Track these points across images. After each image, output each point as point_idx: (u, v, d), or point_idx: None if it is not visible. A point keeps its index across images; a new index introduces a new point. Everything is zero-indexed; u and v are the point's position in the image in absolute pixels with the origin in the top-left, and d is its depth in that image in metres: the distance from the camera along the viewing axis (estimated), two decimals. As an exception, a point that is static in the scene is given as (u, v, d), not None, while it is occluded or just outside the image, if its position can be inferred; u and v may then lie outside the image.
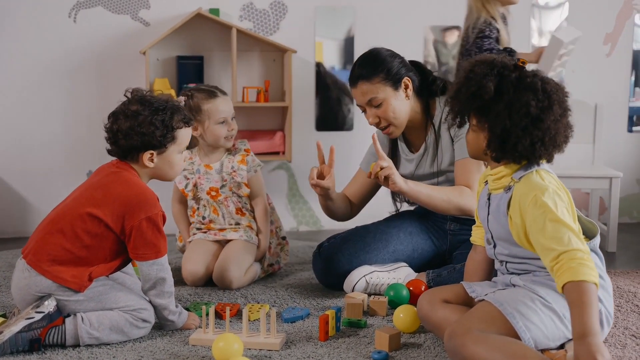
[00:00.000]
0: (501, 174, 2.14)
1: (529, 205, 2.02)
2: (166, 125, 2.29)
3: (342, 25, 4.05)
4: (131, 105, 2.30)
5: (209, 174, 2.99)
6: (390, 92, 2.69)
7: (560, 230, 1.96)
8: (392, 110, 2.70)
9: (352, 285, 2.75)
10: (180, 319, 2.37)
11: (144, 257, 2.27)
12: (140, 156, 2.30)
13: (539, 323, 2.02)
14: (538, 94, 2.04)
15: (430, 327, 2.29)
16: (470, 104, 2.08)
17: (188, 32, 3.85)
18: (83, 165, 3.94)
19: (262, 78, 3.97)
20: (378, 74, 2.67)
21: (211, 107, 2.90)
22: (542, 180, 2.05)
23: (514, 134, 2.04)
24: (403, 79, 2.71)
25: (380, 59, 2.71)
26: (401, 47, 4.06)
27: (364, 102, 2.71)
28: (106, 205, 2.23)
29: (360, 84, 2.69)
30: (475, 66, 2.09)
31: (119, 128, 2.28)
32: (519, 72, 2.08)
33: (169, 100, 2.34)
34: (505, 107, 2.04)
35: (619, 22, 4.26)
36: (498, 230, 2.17)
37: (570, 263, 1.90)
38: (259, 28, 3.95)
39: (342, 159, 4.03)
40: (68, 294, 2.22)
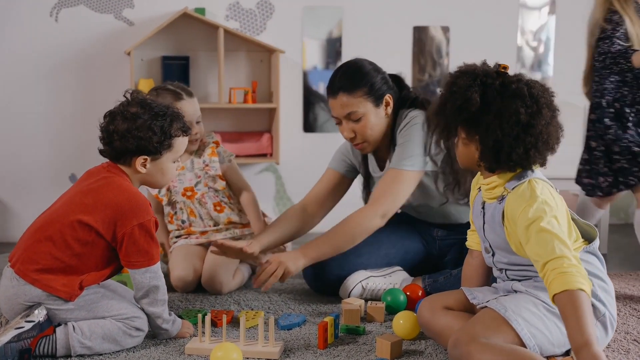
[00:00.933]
0: (494, 183, 2.10)
1: (519, 217, 1.99)
2: (164, 132, 2.22)
3: (329, 26, 3.99)
4: (131, 107, 2.22)
5: (181, 174, 2.91)
6: (371, 108, 2.60)
7: (543, 239, 1.92)
8: (370, 127, 2.61)
9: (348, 291, 2.70)
10: (174, 328, 2.30)
11: (137, 265, 2.19)
12: (133, 160, 2.23)
13: (544, 329, 1.98)
14: (526, 100, 1.99)
15: (431, 334, 2.24)
16: (457, 117, 2.03)
17: (173, 32, 3.78)
18: (65, 168, 3.86)
19: (248, 79, 3.90)
20: (361, 87, 2.57)
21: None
22: (532, 192, 2.01)
23: (506, 144, 2.00)
24: (385, 96, 2.62)
25: (363, 72, 2.60)
26: (389, 47, 4.06)
27: (341, 115, 2.61)
28: (97, 211, 2.16)
29: (340, 96, 2.58)
30: (458, 78, 2.04)
31: (116, 129, 2.20)
32: (502, 79, 2.03)
33: (169, 106, 2.27)
34: (495, 117, 1.99)
35: (606, 23, 4.24)
36: (495, 239, 2.13)
37: (554, 274, 1.86)
38: (246, 28, 3.89)
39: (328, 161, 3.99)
40: (58, 303, 2.14)
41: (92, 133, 3.81)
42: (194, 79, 3.82)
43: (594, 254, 2.14)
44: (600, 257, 2.16)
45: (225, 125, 3.90)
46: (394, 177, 2.58)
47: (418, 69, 4.10)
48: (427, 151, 2.59)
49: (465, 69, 2.08)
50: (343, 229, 2.57)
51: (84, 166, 3.82)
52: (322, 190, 2.84)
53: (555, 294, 1.83)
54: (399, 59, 4.08)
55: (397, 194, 2.58)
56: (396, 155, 2.61)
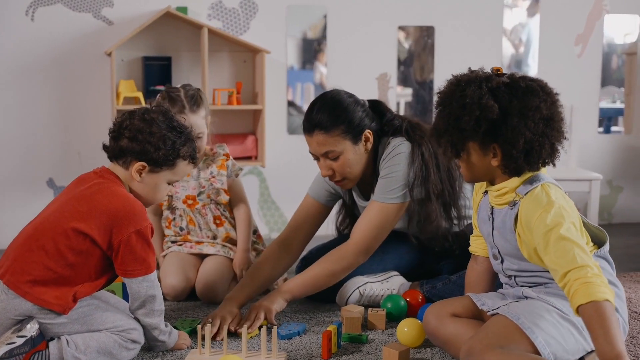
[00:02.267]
0: (504, 189, 2.03)
1: (535, 223, 1.92)
2: (174, 148, 2.14)
3: (313, 25, 3.92)
4: (152, 113, 2.15)
5: (185, 181, 2.83)
6: (349, 145, 2.46)
7: (564, 247, 1.86)
8: (348, 165, 2.47)
9: (345, 297, 2.63)
10: (171, 339, 2.21)
11: (134, 274, 2.10)
12: (132, 163, 2.14)
13: (558, 337, 1.93)
14: (540, 95, 1.95)
15: (438, 342, 2.18)
16: (476, 130, 1.95)
17: (154, 31, 3.68)
18: (43, 173, 3.73)
19: (231, 80, 3.81)
20: (338, 125, 2.42)
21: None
22: (548, 197, 1.95)
23: (536, 142, 1.94)
24: (364, 131, 2.48)
25: (342, 107, 2.45)
26: (374, 47, 4.00)
27: (318, 153, 2.47)
28: (92, 218, 2.06)
29: (316, 134, 2.44)
30: (465, 90, 1.96)
31: (129, 125, 2.12)
32: (506, 80, 1.98)
33: (189, 128, 2.21)
34: (519, 118, 1.93)
35: (589, 23, 4.25)
36: (505, 246, 2.07)
37: (577, 284, 1.80)
38: (229, 27, 3.80)
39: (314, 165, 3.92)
40: (51, 317, 2.04)
41: (71, 136, 3.73)
42: (176, 80, 3.72)
43: (604, 258, 2.10)
44: (610, 261, 2.12)
45: (208, 127, 3.81)
46: (378, 211, 2.49)
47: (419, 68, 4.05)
48: (409, 182, 2.49)
49: (466, 78, 2.00)
50: (325, 268, 2.48)
51: (62, 171, 3.73)
52: (302, 222, 2.69)
53: (581, 304, 1.77)
54: (383, 59, 4.02)
55: (381, 228, 2.49)
56: (379, 187, 2.51)
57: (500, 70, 2.01)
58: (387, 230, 2.52)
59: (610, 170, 4.34)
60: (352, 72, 3.97)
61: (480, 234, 2.25)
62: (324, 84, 3.98)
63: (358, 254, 2.49)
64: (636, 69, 4.33)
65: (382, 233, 2.51)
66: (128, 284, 2.12)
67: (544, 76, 4.07)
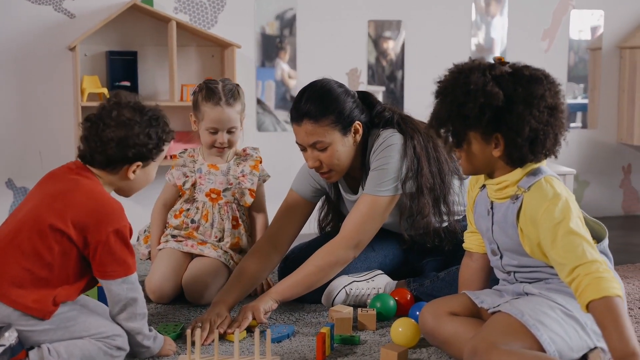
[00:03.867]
0: (504, 183, 1.98)
1: (542, 217, 1.88)
2: (159, 138, 2.07)
3: (284, 18, 3.83)
4: (125, 112, 2.03)
5: (212, 174, 2.75)
6: (338, 137, 2.39)
7: (573, 242, 1.82)
8: (337, 157, 2.41)
9: (332, 297, 2.56)
10: (157, 344, 2.11)
11: (113, 275, 1.99)
12: (125, 168, 2.05)
13: (563, 334, 1.89)
14: (544, 83, 1.91)
15: (436, 342, 2.12)
16: (480, 117, 1.90)
17: (119, 25, 3.53)
18: (1, 173, 3.56)
19: (199, 75, 3.70)
20: (328, 115, 2.36)
21: (207, 111, 2.68)
22: (553, 189, 1.91)
23: (541, 130, 1.90)
24: (354, 123, 2.42)
25: (332, 97, 2.39)
26: (344, 42, 3.93)
27: (306, 143, 2.40)
28: (67, 216, 1.95)
29: (305, 123, 2.37)
30: (469, 77, 1.91)
31: (111, 136, 2.01)
32: (508, 68, 1.94)
33: (158, 109, 2.12)
34: (525, 105, 1.89)
35: (555, 18, 4.26)
36: (506, 241, 2.02)
37: (588, 278, 1.76)
38: (196, 21, 3.68)
39: (285, 161, 3.84)
40: (31, 323, 1.91)
41: (32, 135, 3.56)
42: (143, 76, 3.59)
43: (604, 253, 2.06)
44: (610, 256, 2.08)
45: (175, 124, 3.67)
46: (369, 204, 2.42)
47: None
48: (401, 175, 2.42)
49: (469, 66, 1.95)
50: (316, 266, 2.40)
51: (22, 171, 3.56)
52: (288, 218, 2.61)
53: (592, 300, 1.73)
54: (353, 54, 3.95)
55: (372, 222, 2.43)
56: (370, 180, 2.44)
57: (502, 59, 1.96)
58: (379, 224, 2.45)
59: (577, 165, 4.35)
60: (322, 67, 3.89)
61: (475, 230, 2.19)
62: (286, 81, 3.89)
63: (347, 248, 2.41)
64: (601, 64, 4.35)
65: (373, 227, 2.44)
66: (107, 286, 2.01)
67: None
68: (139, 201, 3.64)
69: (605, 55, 4.34)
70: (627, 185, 4.49)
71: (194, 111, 2.74)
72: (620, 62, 4.36)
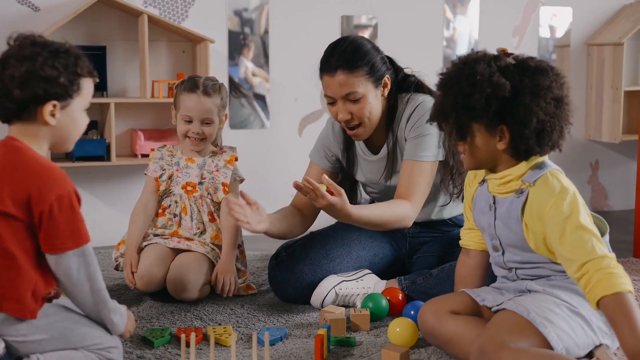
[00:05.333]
0: (508, 177, 1.95)
1: (549, 211, 1.85)
2: (70, 71, 1.82)
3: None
4: (24, 49, 1.80)
5: (189, 167, 2.68)
6: (371, 89, 2.42)
7: (582, 237, 1.80)
8: (369, 110, 2.42)
9: (321, 298, 2.49)
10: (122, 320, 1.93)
11: (62, 248, 1.77)
12: (39, 111, 1.79)
13: (569, 331, 1.86)
14: (550, 75, 1.89)
15: (437, 342, 2.07)
16: (486, 109, 1.86)
17: (87, 18, 3.40)
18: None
19: (170, 71, 3.58)
20: (362, 67, 2.39)
21: (183, 99, 2.64)
22: (560, 183, 1.89)
23: (547, 123, 1.87)
24: (384, 76, 2.46)
25: (364, 50, 2.42)
26: (317, 36, 3.86)
27: (339, 95, 2.40)
28: (3, 194, 1.74)
29: (339, 74, 2.38)
30: (475, 67, 1.88)
31: (12, 74, 1.77)
32: (513, 60, 1.92)
33: (68, 43, 1.88)
34: (532, 96, 1.86)
35: (525, 15, 4.25)
36: (509, 237, 1.98)
37: (598, 274, 1.74)
38: (166, 15, 3.56)
39: (257, 158, 3.76)
40: (23, 333, 1.78)
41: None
42: (112, 72, 3.47)
43: None
44: (611, 252, 2.06)
45: (146, 122, 3.57)
46: (420, 170, 2.45)
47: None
48: (441, 141, 2.47)
49: (474, 57, 1.91)
50: (388, 206, 2.41)
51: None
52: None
53: (604, 296, 1.70)
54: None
55: (425, 186, 2.47)
56: (414, 147, 2.46)
57: (506, 50, 1.93)
58: (428, 189, 2.48)
59: (546, 161, 4.36)
60: (295, 62, 3.82)
61: (473, 227, 2.15)
62: (250, 79, 3.79)
63: (415, 213, 2.44)
64: (569, 61, 4.36)
65: (426, 191, 2.48)
66: (56, 262, 1.78)
67: (484, 68, 4.06)
68: (114, 204, 3.53)
69: (573, 52, 4.35)
70: (595, 182, 4.52)
71: (174, 103, 2.71)
72: (588, 59, 4.38)
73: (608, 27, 4.36)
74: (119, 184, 3.53)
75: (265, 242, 3.56)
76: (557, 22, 4.32)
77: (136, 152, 3.44)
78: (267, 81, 3.79)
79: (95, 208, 3.51)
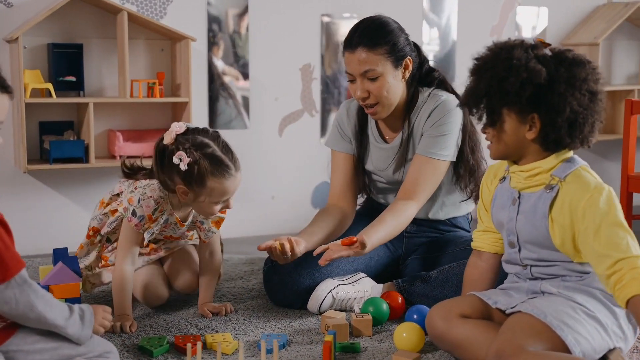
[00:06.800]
0: (537, 169, 1.93)
1: (585, 207, 1.83)
2: None
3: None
4: None
5: (177, 227, 2.39)
6: (390, 68, 2.40)
7: (618, 234, 1.79)
8: (386, 89, 2.40)
9: (319, 302, 2.43)
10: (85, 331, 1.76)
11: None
12: None
13: (587, 335, 1.84)
14: (587, 68, 1.88)
15: (447, 346, 2.03)
16: (520, 94, 1.84)
17: (62, 15, 3.28)
18: None
19: (148, 70, 3.48)
20: (383, 45, 2.37)
21: (217, 188, 2.18)
22: (595, 179, 1.88)
23: (580, 114, 1.85)
24: (406, 58, 2.43)
25: (388, 29, 2.41)
26: (297, 36, 3.80)
27: (357, 72, 2.39)
28: None
29: (359, 51, 2.37)
30: (512, 52, 1.87)
31: None
32: (551, 50, 1.91)
33: None
34: (567, 86, 1.84)
35: (502, 15, 4.25)
36: (530, 232, 1.95)
37: (632, 273, 1.74)
38: (144, 12, 3.46)
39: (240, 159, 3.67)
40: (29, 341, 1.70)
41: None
42: (88, 71, 3.34)
43: None
44: None
45: (123, 122, 3.46)
46: (434, 168, 2.45)
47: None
48: (458, 142, 2.48)
49: (511, 44, 1.90)
50: (394, 218, 2.39)
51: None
52: (344, 181, 2.62)
53: (635, 295, 1.70)
54: (306, 49, 3.82)
55: (433, 184, 2.46)
56: (431, 143, 2.45)
57: (543, 41, 1.92)
58: (435, 187, 2.49)
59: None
60: (275, 62, 3.75)
61: (487, 229, 2.12)
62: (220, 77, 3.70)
63: (416, 209, 2.45)
64: (544, 61, 4.37)
65: (433, 189, 2.49)
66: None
67: (463, 67, 4.05)
68: (92, 208, 3.40)
69: (548, 52, 4.37)
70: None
71: (192, 185, 2.19)
72: (563, 59, 4.40)
73: (583, 27, 4.38)
74: (98, 186, 3.41)
75: (250, 244, 3.51)
76: (533, 22, 4.33)
77: (115, 153, 3.33)
78: (237, 79, 3.70)
79: (73, 212, 3.39)
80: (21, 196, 3.31)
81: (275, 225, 3.79)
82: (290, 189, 3.85)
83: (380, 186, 2.66)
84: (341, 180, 2.61)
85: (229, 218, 2.47)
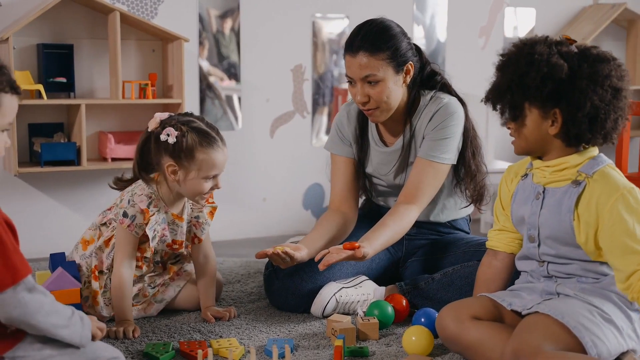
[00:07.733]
0: (564, 164, 1.93)
1: (614, 205, 1.85)
2: None
3: (227, 11, 3.62)
4: None
5: (177, 225, 2.36)
6: (391, 73, 2.37)
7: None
8: (386, 94, 2.38)
9: (323, 305, 2.41)
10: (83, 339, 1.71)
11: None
12: None
13: (603, 338, 1.85)
14: (611, 64, 1.88)
15: (458, 348, 2.02)
16: (541, 89, 1.85)
17: (52, 15, 3.22)
18: None
19: (139, 71, 3.43)
20: (384, 50, 2.34)
21: (206, 159, 2.21)
22: (623, 178, 1.89)
23: (602, 110, 1.86)
24: (407, 63, 2.41)
25: (390, 34, 2.37)
26: (289, 37, 3.77)
27: (358, 76, 2.36)
28: None
29: (360, 55, 2.34)
30: (534, 47, 1.89)
31: None
32: (576, 46, 1.91)
33: None
34: (589, 81, 1.85)
35: (491, 15, 4.26)
36: (553, 227, 1.95)
37: None
38: (135, 12, 3.41)
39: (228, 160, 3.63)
40: (36, 347, 1.65)
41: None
42: (79, 72, 3.29)
43: None
44: None
45: (114, 124, 3.41)
46: (435, 172, 2.44)
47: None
48: (459, 145, 2.47)
49: (534, 40, 1.91)
50: (396, 223, 2.38)
51: None
52: (345, 185, 2.60)
53: None
54: (298, 50, 3.79)
55: (435, 187, 2.45)
56: (433, 147, 2.43)
57: (569, 38, 1.93)
58: (436, 190, 2.49)
59: (513, 159, 4.37)
60: (266, 63, 3.72)
61: (503, 228, 2.12)
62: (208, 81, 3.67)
63: (418, 213, 2.45)
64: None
65: (433, 192, 2.48)
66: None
67: (452, 68, 4.05)
68: (84, 211, 3.36)
69: (536, 53, 4.38)
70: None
71: (178, 159, 2.22)
72: (550, 60, 4.42)
73: (570, 28, 4.41)
74: (90, 189, 3.36)
75: (242, 247, 3.48)
76: (521, 22, 4.35)
77: (106, 155, 3.28)
78: (222, 80, 3.67)
79: (64, 215, 3.34)
80: (11, 199, 3.25)
81: (266, 228, 3.77)
82: (281, 190, 3.82)
83: (380, 189, 2.64)
84: (342, 185, 2.58)
85: (220, 219, 2.44)
